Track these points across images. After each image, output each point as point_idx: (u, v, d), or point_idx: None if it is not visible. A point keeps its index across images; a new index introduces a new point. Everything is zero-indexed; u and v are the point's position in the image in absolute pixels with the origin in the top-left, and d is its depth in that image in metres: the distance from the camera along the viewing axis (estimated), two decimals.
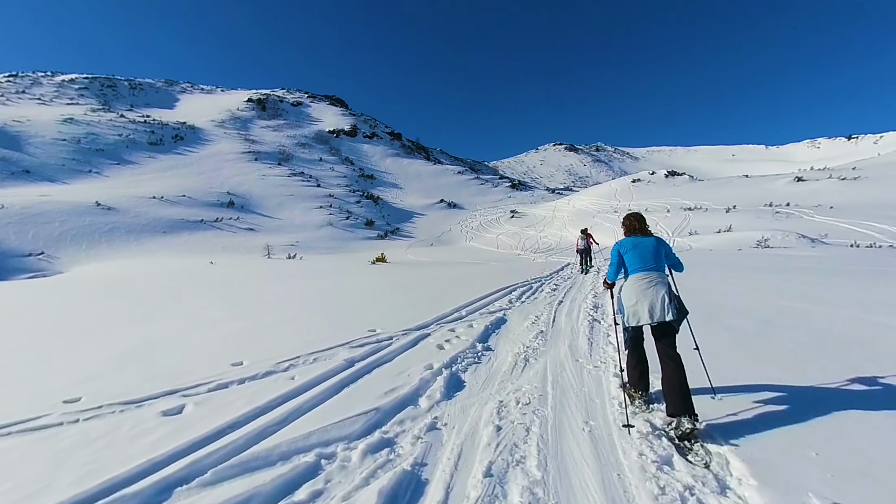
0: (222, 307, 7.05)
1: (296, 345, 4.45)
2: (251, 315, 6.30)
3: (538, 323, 5.38)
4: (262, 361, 3.95)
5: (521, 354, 4.08)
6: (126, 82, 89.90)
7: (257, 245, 28.58)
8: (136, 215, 33.18)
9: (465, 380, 3.48)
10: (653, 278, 2.81)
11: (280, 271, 14.17)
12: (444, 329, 5.06)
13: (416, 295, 8.02)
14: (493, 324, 5.34)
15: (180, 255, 23.88)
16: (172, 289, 9.98)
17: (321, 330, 5.15)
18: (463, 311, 6.12)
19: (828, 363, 3.50)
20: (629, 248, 3.01)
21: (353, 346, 4.39)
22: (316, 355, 4.10)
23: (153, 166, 50.94)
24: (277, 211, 43.49)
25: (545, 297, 7.42)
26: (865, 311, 5.19)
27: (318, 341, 4.55)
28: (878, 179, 37.13)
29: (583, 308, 6.21)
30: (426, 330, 5.06)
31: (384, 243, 37.83)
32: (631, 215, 3.23)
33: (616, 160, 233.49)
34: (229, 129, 73.39)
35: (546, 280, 9.87)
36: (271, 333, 5.08)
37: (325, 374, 3.57)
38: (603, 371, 3.55)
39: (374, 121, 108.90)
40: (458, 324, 5.35)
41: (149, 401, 3.14)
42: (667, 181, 58.33)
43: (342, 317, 5.99)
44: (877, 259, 11.94)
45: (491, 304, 6.80)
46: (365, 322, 5.45)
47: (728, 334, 4.37)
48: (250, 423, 2.70)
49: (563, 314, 5.93)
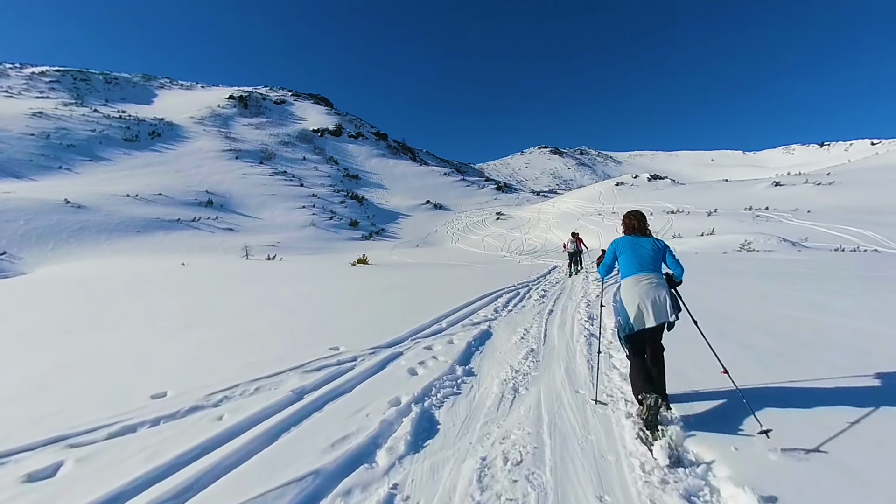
0: (175, 317, 6.23)
1: (239, 368, 3.69)
2: (203, 326, 5.49)
3: (528, 338, 4.71)
4: (192, 392, 3.18)
5: (510, 382, 3.38)
6: (101, 76, 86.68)
7: (236, 246, 27.39)
8: (109, 214, 31.61)
9: (438, 420, 2.75)
10: (651, 279, 2.72)
11: (254, 273, 13.25)
12: (419, 346, 4.35)
13: (395, 302, 7.27)
14: (476, 339, 4.65)
15: (154, 256, 22.61)
16: (129, 294, 9.04)
17: (276, 347, 4.39)
18: (443, 323, 5.41)
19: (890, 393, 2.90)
20: (625, 249, 2.91)
21: (308, 369, 3.64)
22: (259, 383, 3.34)
23: (128, 163, 48.91)
24: (258, 211, 42.13)
25: (534, 306, 6.75)
26: (886, 323, 4.68)
27: (267, 363, 3.79)
28: (851, 185, 37.98)
29: (576, 320, 5.56)
30: (399, 347, 4.34)
31: (369, 244, 36.89)
32: (631, 213, 3.09)
33: (600, 164, 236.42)
34: (209, 126, 71.28)
35: (533, 285, 9.20)
36: (217, 351, 4.30)
37: (262, 412, 2.82)
38: (612, 408, 2.84)
39: (359, 120, 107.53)
40: (437, 339, 4.65)
41: (18, 455, 2.36)
42: (649, 185, 58.86)
43: (306, 329, 5.22)
44: (868, 264, 11.66)
45: (475, 313, 6.08)
46: (330, 336, 4.70)
47: (749, 354, 3.74)
48: (137, 498, 1.96)
49: (554, 326, 5.27)
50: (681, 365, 3.40)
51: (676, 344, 3.26)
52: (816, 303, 5.90)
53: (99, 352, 4.46)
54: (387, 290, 8.83)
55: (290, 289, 9.23)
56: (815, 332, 4.36)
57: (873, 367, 3.32)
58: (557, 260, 19.07)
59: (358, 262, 16.31)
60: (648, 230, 3.05)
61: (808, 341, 4.08)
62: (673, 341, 3.07)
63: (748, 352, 3.80)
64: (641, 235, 2.99)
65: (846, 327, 4.56)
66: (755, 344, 4.00)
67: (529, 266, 15.91)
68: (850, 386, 3.02)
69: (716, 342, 4.01)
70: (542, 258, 21.69)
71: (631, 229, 3.04)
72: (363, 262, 16.35)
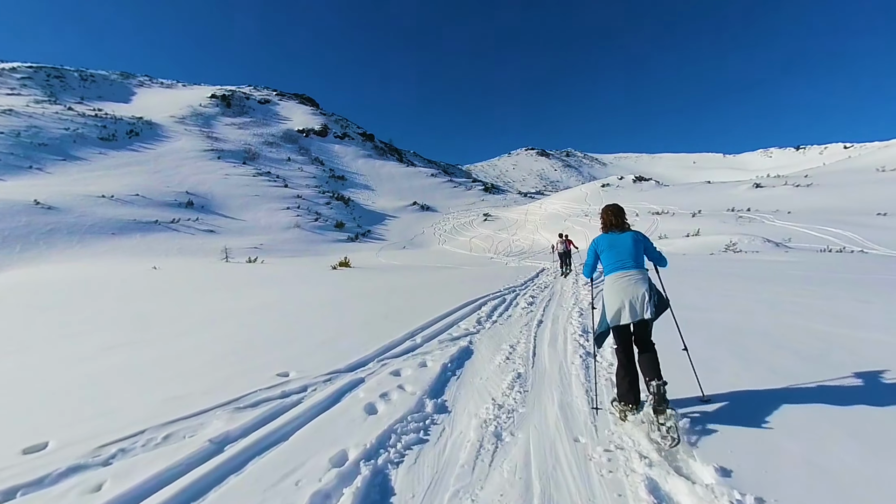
0: (118, 330, 5.43)
1: (156, 405, 2.95)
2: (131, 347, 4.68)
3: (514, 357, 4.04)
4: (79, 443, 2.44)
5: (491, 423, 2.70)
6: (76, 73, 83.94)
7: (217, 248, 26.29)
8: (82, 215, 30.22)
9: (393, 488, 2.05)
10: (632, 276, 2.70)
11: (226, 278, 12.37)
12: (385, 371, 3.64)
13: (368, 311, 6.54)
14: (454, 359, 3.98)
15: (128, 259, 21.44)
16: (80, 302, 8.13)
17: (212, 374, 3.64)
18: (418, 338, 4.73)
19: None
20: (605, 247, 2.88)
21: (242, 405, 2.92)
22: (173, 427, 2.61)
23: (104, 163, 47.11)
24: (241, 212, 40.88)
25: (521, 315, 6.10)
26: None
27: (193, 397, 3.06)
28: (828, 186, 38.50)
29: (569, 333, 4.88)
30: (361, 371, 3.63)
31: (355, 246, 36.01)
32: (608, 208, 3.00)
33: (585, 165, 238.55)
34: (190, 125, 69.39)
35: (521, 290, 8.54)
36: (136, 381, 3.54)
37: (158, 477, 2.10)
38: (622, 465, 2.16)
39: (345, 121, 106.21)
40: (409, 359, 3.95)
41: None
42: (635, 186, 59.07)
43: (258, 348, 4.47)
44: (862, 266, 11.29)
45: (455, 325, 5.42)
46: (283, 358, 3.98)
47: (781, 380, 3.11)
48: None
49: (545, 342, 4.60)
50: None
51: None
52: (831, 311, 5.31)
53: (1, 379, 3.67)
54: (363, 296, 8.11)
55: (258, 295, 8.44)
56: (849, 352, 3.71)
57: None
58: (545, 261, 18.56)
59: (340, 265, 15.51)
60: (627, 224, 2.96)
61: (846, 365, 3.39)
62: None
63: (778, 378, 3.13)
64: (620, 231, 2.91)
65: (880, 343, 3.90)
66: (783, 367, 3.33)
67: (517, 268, 15.32)
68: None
69: (735, 364, 3.41)
70: (529, 260, 21.16)
71: (608, 226, 2.96)
72: (345, 265, 15.56)
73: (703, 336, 4.17)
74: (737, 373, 3.26)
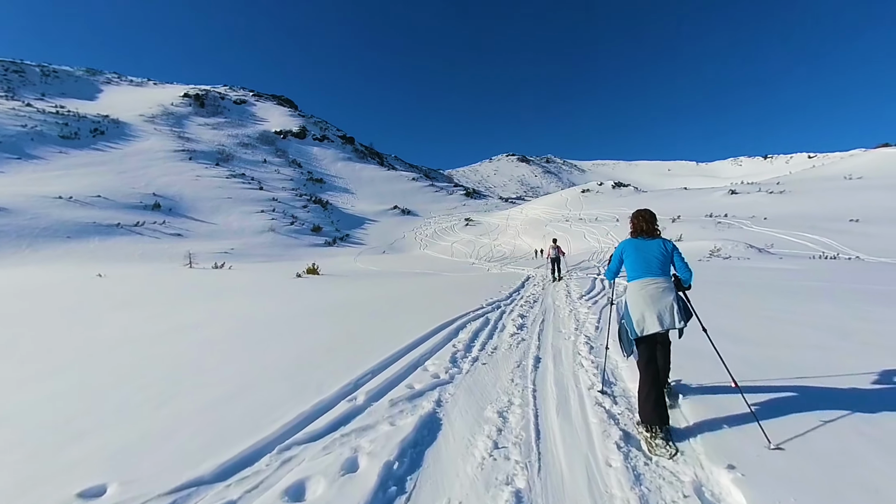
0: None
1: None
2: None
3: (505, 443, 2.48)
4: None
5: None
6: (37, 68, 79.82)
7: (183, 252, 24.95)
8: (34, 217, 28.30)
9: None
10: (659, 283, 2.62)
11: (175, 288, 11.04)
12: (279, 484, 2.10)
13: (309, 341, 4.90)
14: (405, 450, 2.43)
15: (82, 265, 19.91)
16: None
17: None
18: (361, 394, 3.20)
19: None
20: (631, 252, 2.80)
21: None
22: None
23: (63, 162, 44.59)
24: (212, 215, 39.25)
25: (510, 347, 4.55)
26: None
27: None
28: (800, 193, 39.93)
29: (584, 385, 3.38)
30: (235, 484, 2.11)
31: (332, 251, 35.05)
32: (640, 213, 2.93)
33: (565, 172, 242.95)
34: (161, 125, 66.81)
35: (507, 305, 7.37)
36: None
37: None
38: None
39: (325, 123, 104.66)
40: (330, 450, 2.42)
41: None
42: (614, 192, 60.17)
43: (100, 416, 2.89)
44: (870, 275, 10.54)
45: (421, 364, 3.99)
46: (120, 446, 2.44)
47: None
48: None
49: (550, 406, 3.00)
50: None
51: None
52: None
53: None
54: (314, 315, 6.74)
55: (183, 314, 7.00)
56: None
57: None
58: (528, 267, 18.19)
59: (308, 272, 14.65)
60: (658, 231, 2.86)
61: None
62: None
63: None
64: (649, 237, 2.83)
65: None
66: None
67: (499, 275, 14.85)
68: None
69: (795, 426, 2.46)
70: (511, 265, 20.79)
71: (638, 231, 2.87)
72: (312, 272, 14.69)
73: (792, 400, 2.86)
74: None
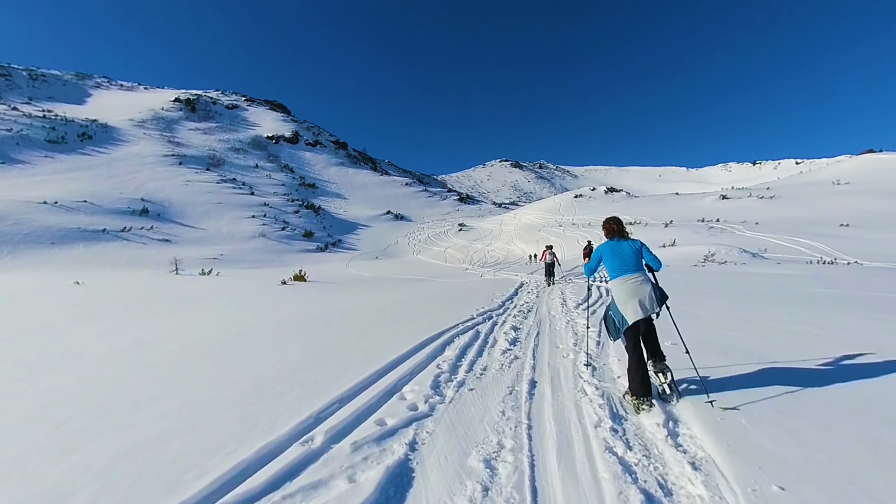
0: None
1: None
2: None
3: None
4: None
5: None
6: (24, 72, 78.69)
7: (170, 259, 24.41)
8: (17, 223, 27.57)
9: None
10: (636, 278, 3.06)
11: (152, 296, 10.29)
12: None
13: (273, 361, 4.24)
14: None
15: (64, 271, 19.32)
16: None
17: None
18: (319, 435, 2.57)
19: None
20: (609, 254, 3.23)
21: None
22: None
23: (49, 167, 43.75)
24: (201, 220, 38.63)
25: (502, 367, 4.00)
26: None
27: None
28: (790, 198, 40.39)
29: (590, 420, 2.77)
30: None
31: (324, 256, 34.65)
32: (610, 219, 3.43)
33: (558, 177, 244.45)
34: (150, 129, 66.01)
35: (499, 316, 6.88)
36: None
37: None
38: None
39: (317, 128, 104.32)
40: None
41: None
42: (606, 197, 60.44)
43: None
44: (877, 281, 10.02)
45: (398, 391, 3.39)
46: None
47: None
48: None
49: (550, 453, 2.35)
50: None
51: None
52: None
53: None
54: (289, 328, 6.23)
55: (147, 327, 6.50)
56: None
57: None
58: (522, 273, 17.98)
59: (295, 279, 14.27)
60: (626, 232, 3.37)
61: None
62: None
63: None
64: (621, 238, 3.30)
65: None
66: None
67: (492, 281, 14.61)
68: None
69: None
70: (505, 271, 20.58)
71: (611, 233, 3.33)
72: (299, 279, 14.29)
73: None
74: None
